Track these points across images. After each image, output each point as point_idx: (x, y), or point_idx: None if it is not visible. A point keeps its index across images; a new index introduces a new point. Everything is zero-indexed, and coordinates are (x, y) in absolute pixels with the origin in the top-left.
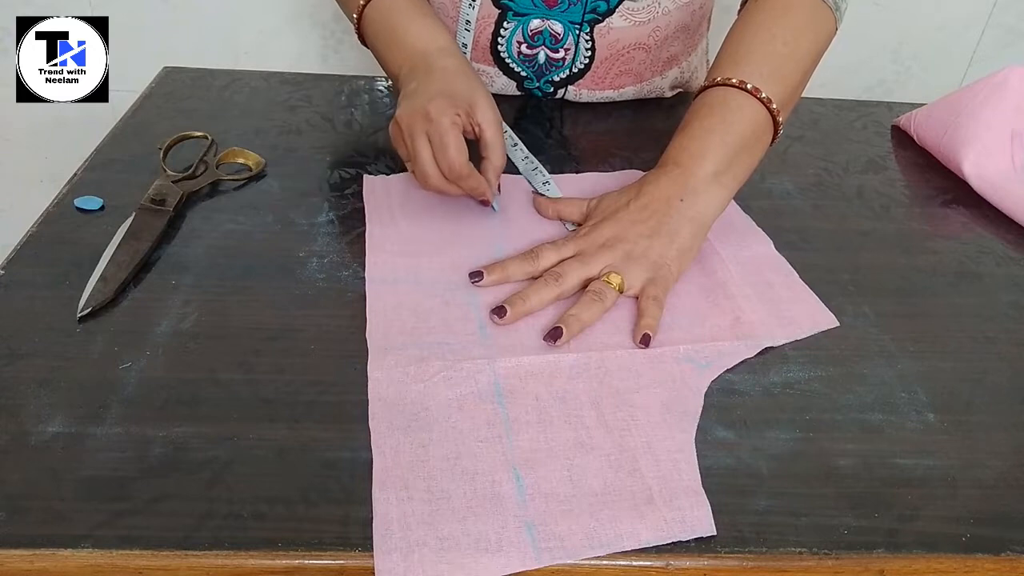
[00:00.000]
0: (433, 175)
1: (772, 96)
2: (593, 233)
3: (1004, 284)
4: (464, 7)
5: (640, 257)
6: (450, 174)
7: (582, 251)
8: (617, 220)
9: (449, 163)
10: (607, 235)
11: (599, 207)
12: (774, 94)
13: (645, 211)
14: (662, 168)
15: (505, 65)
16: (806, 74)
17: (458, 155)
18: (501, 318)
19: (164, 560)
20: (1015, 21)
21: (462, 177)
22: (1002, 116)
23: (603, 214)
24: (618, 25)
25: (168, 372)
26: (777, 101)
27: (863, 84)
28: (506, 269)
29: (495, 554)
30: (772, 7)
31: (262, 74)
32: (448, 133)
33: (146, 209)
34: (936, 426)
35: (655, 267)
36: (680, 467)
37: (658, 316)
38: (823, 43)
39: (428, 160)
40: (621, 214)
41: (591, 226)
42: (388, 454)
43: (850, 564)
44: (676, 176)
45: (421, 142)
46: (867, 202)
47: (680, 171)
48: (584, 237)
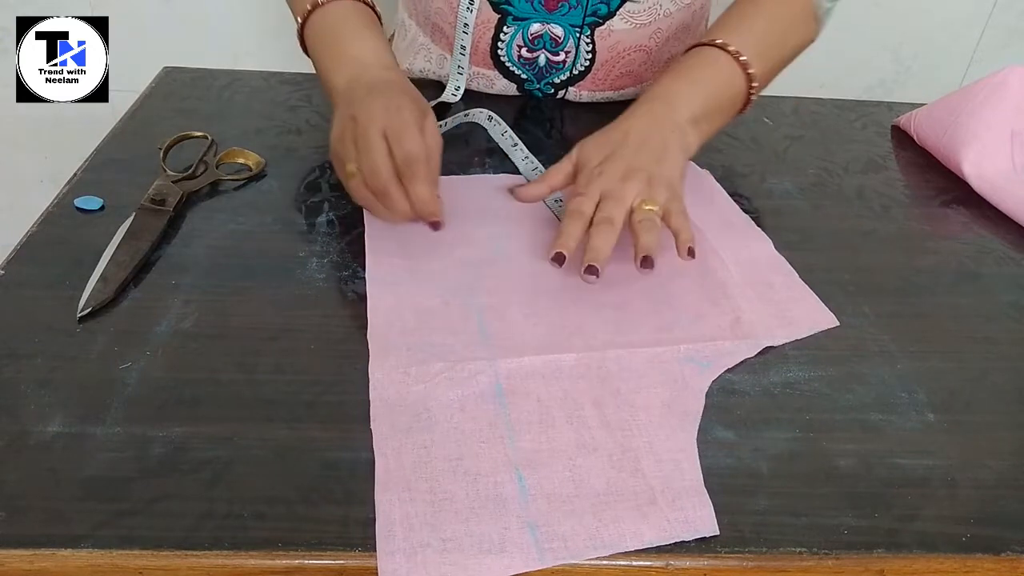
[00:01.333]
0: (385, 170)
1: (756, 73)
2: (608, 171)
3: (1004, 284)
4: (462, 10)
5: (659, 179)
6: (405, 163)
7: (608, 190)
8: (622, 155)
9: (407, 152)
10: (622, 168)
11: (589, 151)
12: (758, 71)
13: (645, 142)
14: (649, 103)
15: (505, 68)
16: (782, 65)
17: (418, 145)
18: (597, 276)
19: (164, 560)
20: (1015, 21)
21: (418, 163)
22: (1002, 116)
23: (601, 154)
24: (619, 28)
25: (168, 372)
26: (757, 79)
27: (863, 84)
28: (570, 237)
29: (498, 555)
30: None
31: (262, 74)
32: (412, 126)
33: (146, 209)
34: (936, 426)
35: (670, 187)
36: (682, 467)
37: (690, 227)
38: (801, 47)
39: (383, 153)
40: (622, 150)
41: (599, 167)
42: (390, 455)
43: (850, 564)
44: (662, 111)
45: (376, 136)
46: (867, 202)
47: (666, 108)
48: (601, 177)
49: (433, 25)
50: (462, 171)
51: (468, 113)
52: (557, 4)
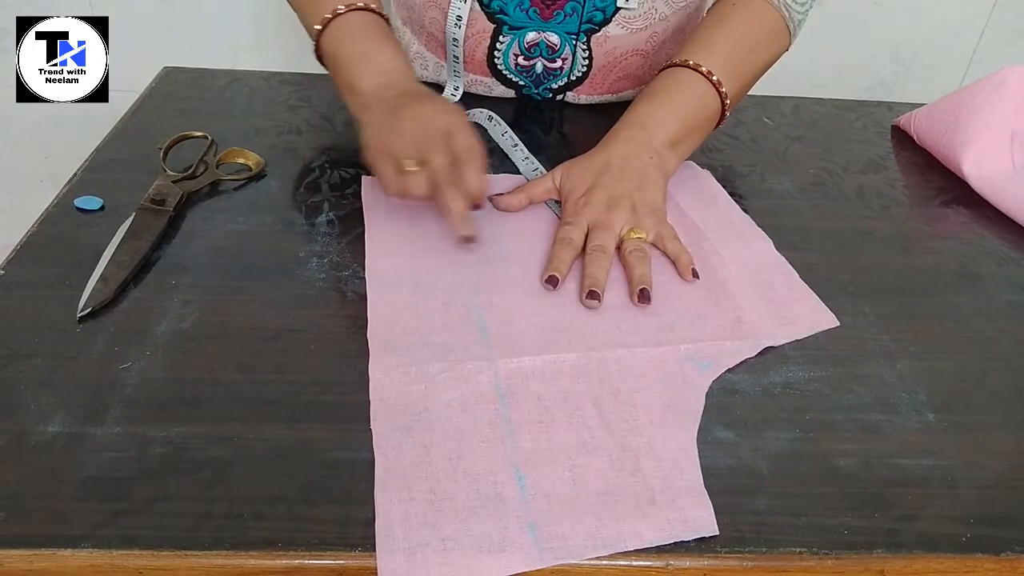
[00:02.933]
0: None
1: (728, 92)
2: (593, 202)
3: (1004, 284)
4: (450, 26)
5: (642, 207)
6: (465, 150)
7: (596, 221)
8: (604, 184)
9: (467, 143)
10: (606, 198)
11: (574, 180)
12: (730, 90)
13: (625, 169)
14: (627, 130)
15: (503, 76)
16: (754, 81)
17: (475, 138)
18: (599, 301)
19: (164, 560)
20: (1015, 21)
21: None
22: (1002, 116)
23: (584, 183)
24: (615, 33)
25: (168, 372)
26: (730, 96)
27: (863, 84)
28: (562, 262)
29: (498, 554)
30: (747, 16)
31: (262, 74)
32: (467, 124)
33: (146, 209)
34: (936, 426)
35: (655, 212)
36: (682, 467)
37: (686, 249)
38: (774, 59)
39: (447, 149)
40: (604, 178)
41: (584, 197)
42: (390, 455)
43: (850, 564)
44: (641, 138)
45: (440, 135)
46: (867, 202)
47: (645, 134)
48: (587, 208)
49: (428, 34)
50: None
51: (468, 113)
52: (552, 13)
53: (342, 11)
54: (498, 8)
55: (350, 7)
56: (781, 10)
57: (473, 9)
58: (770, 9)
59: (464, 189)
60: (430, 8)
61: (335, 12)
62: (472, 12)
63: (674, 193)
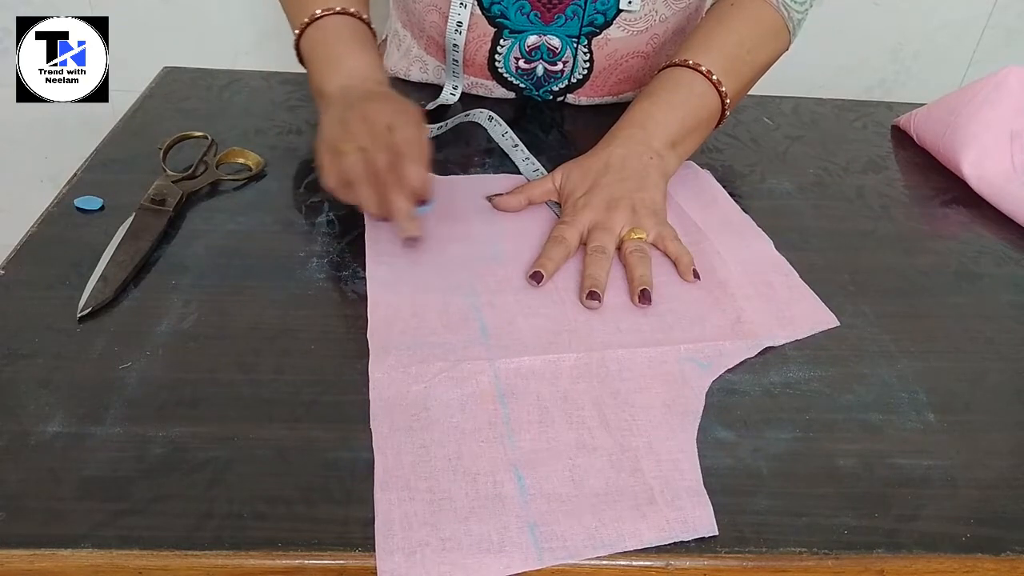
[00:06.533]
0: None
1: (728, 91)
2: (593, 203)
3: (1004, 284)
4: (450, 33)
5: (642, 207)
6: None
7: (596, 221)
8: (605, 184)
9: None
10: (606, 198)
11: (574, 181)
12: (730, 89)
13: (625, 170)
14: (627, 130)
15: (503, 79)
16: (754, 81)
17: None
18: (599, 302)
19: (164, 560)
20: (1015, 21)
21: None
22: (1002, 116)
23: (584, 184)
24: (616, 36)
25: (168, 372)
26: (730, 96)
27: (863, 84)
28: (550, 260)
29: (497, 554)
30: (746, 16)
31: (262, 74)
32: (414, 119)
33: (146, 209)
34: (936, 426)
35: (656, 213)
36: (682, 467)
37: (687, 250)
38: (774, 59)
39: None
40: (604, 179)
41: (583, 198)
42: (390, 455)
43: (850, 564)
44: (640, 138)
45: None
46: (867, 202)
47: (644, 134)
48: (587, 209)
49: (428, 38)
50: (462, 171)
51: (468, 113)
52: (553, 16)
53: (319, 15)
54: (499, 12)
55: (328, 11)
56: (780, 10)
57: (474, 13)
58: (769, 9)
59: (406, 183)
60: (430, 12)
61: (313, 16)
62: (473, 16)
63: (674, 193)
